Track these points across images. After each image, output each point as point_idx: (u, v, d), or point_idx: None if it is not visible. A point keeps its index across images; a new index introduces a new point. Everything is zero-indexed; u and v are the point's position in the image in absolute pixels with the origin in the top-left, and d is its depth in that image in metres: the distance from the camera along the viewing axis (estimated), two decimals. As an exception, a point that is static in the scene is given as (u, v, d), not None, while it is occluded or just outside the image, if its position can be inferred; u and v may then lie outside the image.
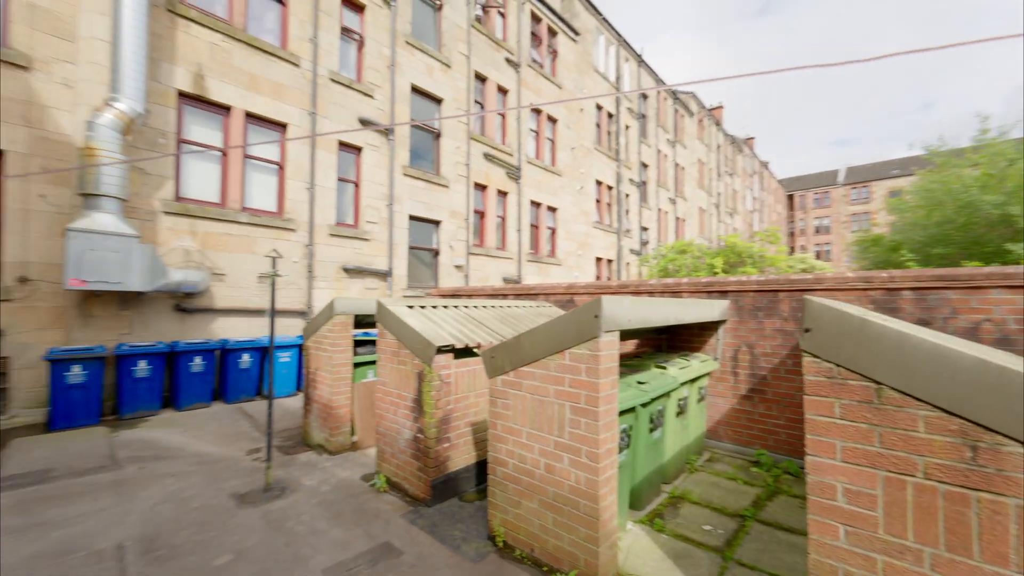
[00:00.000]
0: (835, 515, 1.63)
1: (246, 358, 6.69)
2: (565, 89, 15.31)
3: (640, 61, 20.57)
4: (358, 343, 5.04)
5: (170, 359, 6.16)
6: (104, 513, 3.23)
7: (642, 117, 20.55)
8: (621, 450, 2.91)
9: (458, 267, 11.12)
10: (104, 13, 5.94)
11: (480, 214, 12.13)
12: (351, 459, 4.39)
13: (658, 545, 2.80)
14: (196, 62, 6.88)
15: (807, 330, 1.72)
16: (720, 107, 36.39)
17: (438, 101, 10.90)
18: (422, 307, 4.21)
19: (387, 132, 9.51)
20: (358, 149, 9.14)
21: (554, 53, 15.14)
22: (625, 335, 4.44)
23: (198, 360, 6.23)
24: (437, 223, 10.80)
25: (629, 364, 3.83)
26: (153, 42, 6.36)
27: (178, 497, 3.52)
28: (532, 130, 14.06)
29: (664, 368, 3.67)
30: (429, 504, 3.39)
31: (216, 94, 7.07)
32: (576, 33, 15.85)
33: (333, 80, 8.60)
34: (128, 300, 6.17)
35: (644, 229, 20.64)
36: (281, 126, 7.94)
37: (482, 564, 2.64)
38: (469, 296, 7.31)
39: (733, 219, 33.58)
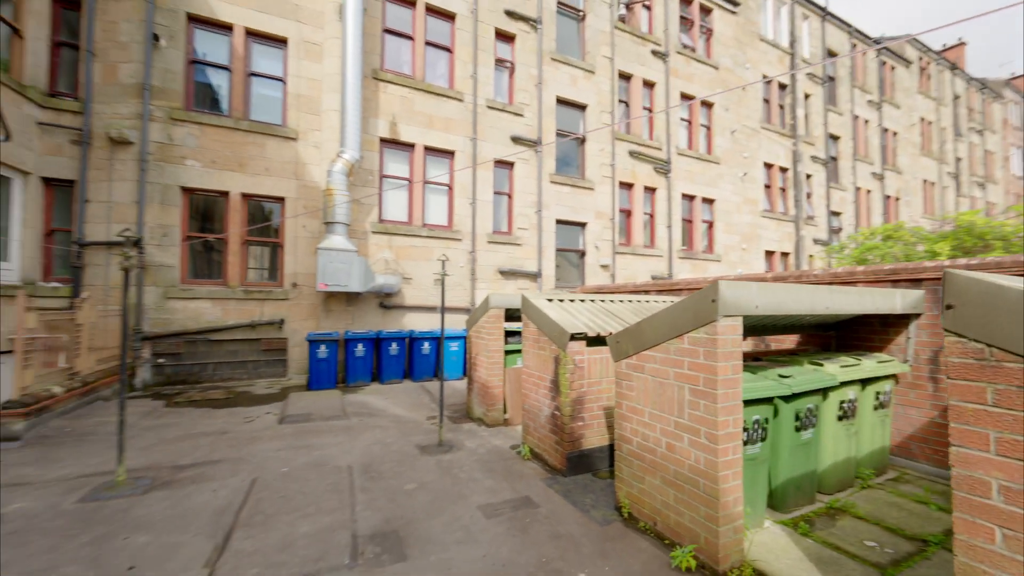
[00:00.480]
0: (989, 515, 1.43)
1: (426, 346, 8.22)
2: (722, 68, 13.98)
3: (825, 15, 17.26)
4: (509, 334, 5.77)
5: (376, 344, 8.02)
6: (340, 445, 4.58)
7: (829, 81, 17.19)
8: (754, 441, 2.81)
9: (604, 266, 11.29)
10: (335, 90, 8.16)
11: (626, 213, 12.05)
12: (503, 432, 5.10)
13: (799, 546, 2.61)
14: (391, 113, 8.81)
15: (948, 307, 1.54)
16: (960, 44, 27.54)
17: (582, 108, 11.32)
18: (560, 300, 4.66)
19: (535, 145, 10.36)
20: (510, 164, 10.21)
21: (708, 32, 14.01)
22: (775, 328, 4.09)
23: (394, 345, 7.96)
24: (583, 225, 11.19)
25: (779, 360, 3.55)
26: (364, 104, 8.42)
27: (382, 442, 4.71)
28: (683, 120, 13.28)
29: (819, 364, 3.31)
30: (565, 474, 3.79)
31: (404, 135, 8.91)
32: (735, 4, 14.32)
33: (489, 107, 9.84)
34: (351, 299, 8.29)
35: (835, 214, 17.16)
36: (450, 153, 9.48)
37: (607, 528, 2.91)
38: (611, 292, 7.48)
39: (985, 191, 24.97)
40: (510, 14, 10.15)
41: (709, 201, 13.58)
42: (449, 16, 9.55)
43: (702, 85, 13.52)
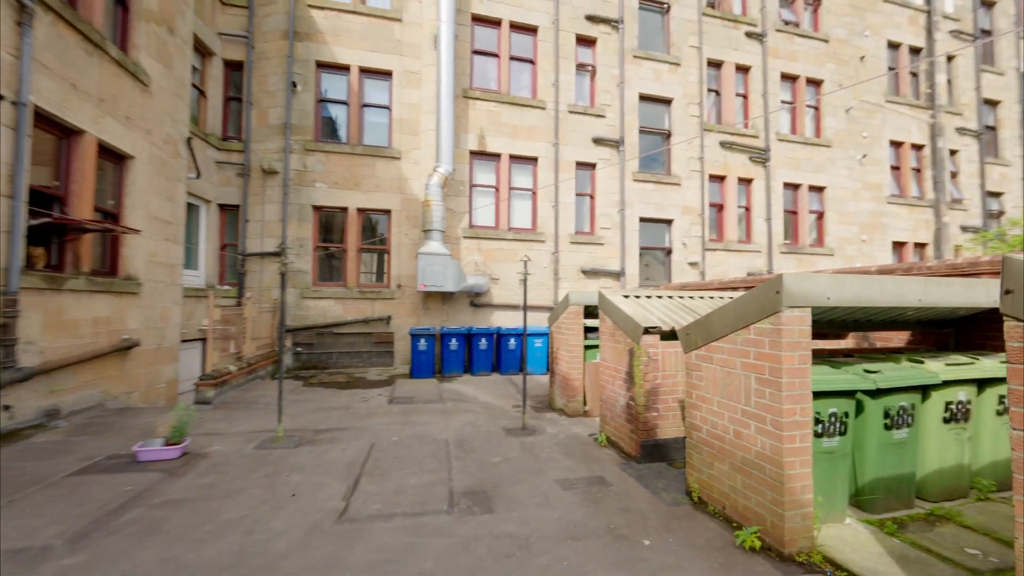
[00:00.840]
0: None
1: (512, 342, 8.79)
2: (834, 40, 12.55)
3: (975, -41, 14.46)
4: (589, 330, 6.03)
5: (468, 339, 8.79)
6: (437, 423, 5.27)
7: (982, 36, 14.36)
8: (831, 434, 2.77)
9: (692, 264, 10.88)
10: (431, 112, 9.14)
11: (717, 207, 11.46)
12: (582, 421, 5.40)
13: (881, 544, 2.54)
14: (479, 127, 9.58)
15: (1007, 292, 1.53)
16: None
17: (667, 102, 11.06)
18: (636, 297, 4.83)
19: (617, 144, 10.40)
20: (592, 165, 10.39)
21: (815, 2, 12.67)
22: (875, 324, 3.85)
23: (483, 341, 8.66)
24: (668, 222, 10.92)
25: (873, 356, 3.37)
26: (456, 121, 9.29)
27: (473, 423, 5.31)
28: (785, 103, 12.20)
29: (919, 362, 3.09)
30: (639, 461, 3.98)
31: (491, 146, 9.62)
32: (850, -34, 12.75)
33: (571, 112, 10.14)
34: (445, 297, 9.19)
35: (992, 195, 14.27)
36: (533, 160, 9.98)
37: (675, 509, 3.08)
38: (697, 289, 7.30)
39: None
40: (591, 18, 10.35)
41: (818, 189, 12.27)
42: (531, 29, 10.06)
43: (808, 62, 12.28)
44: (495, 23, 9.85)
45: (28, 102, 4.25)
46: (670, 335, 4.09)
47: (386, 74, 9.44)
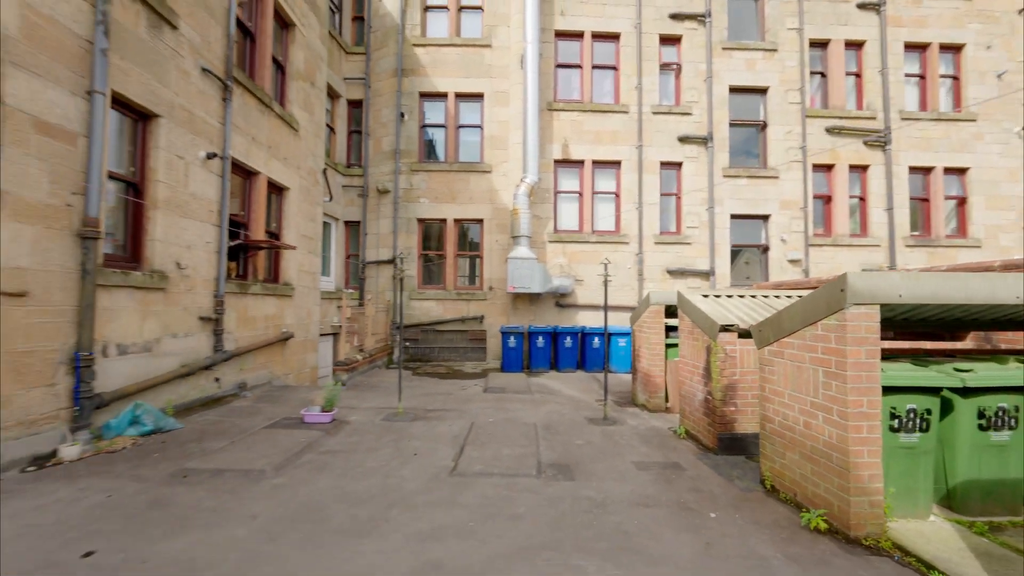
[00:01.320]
0: None
1: (596, 340, 9.14)
2: (978, -3, 10.75)
3: None
4: (671, 329, 6.21)
5: (553, 337, 9.34)
6: (526, 410, 5.90)
7: None
8: (910, 429, 2.80)
9: (794, 261, 10.16)
10: (518, 127, 9.90)
11: (824, 199, 10.53)
12: (663, 417, 5.63)
13: (964, 541, 2.54)
14: (563, 136, 10.11)
15: None
16: None
17: (762, 91, 10.50)
18: (716, 296, 4.98)
19: (705, 141, 10.17)
20: (678, 164, 10.29)
21: (952, -43, 10.97)
22: (986, 324, 3.61)
23: (568, 339, 9.14)
24: (764, 218, 10.35)
25: (977, 356, 3.22)
26: (541, 133, 9.93)
27: (558, 412, 5.85)
28: (911, 75, 10.77)
29: (1029, 363, 2.92)
30: (716, 453, 4.18)
31: (575, 154, 10.09)
32: (1000, -94, 10.81)
33: (655, 113, 10.18)
34: (532, 299, 9.86)
35: None
36: (616, 163, 10.22)
37: (747, 493, 3.30)
38: (792, 288, 6.98)
39: None
40: (675, 16, 10.28)
41: (958, 171, 10.61)
42: (614, 36, 10.32)
43: (942, 26, 10.70)
44: (578, 35, 10.30)
45: (228, 156, 5.80)
46: (748, 333, 4.21)
47: (478, 96, 10.43)
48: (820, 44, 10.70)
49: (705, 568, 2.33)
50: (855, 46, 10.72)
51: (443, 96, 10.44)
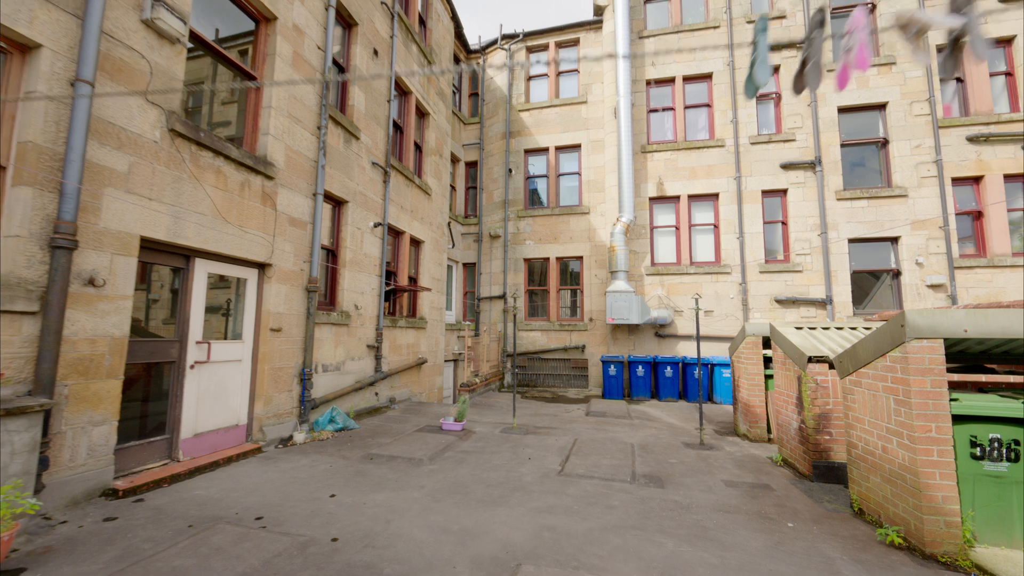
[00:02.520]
0: None
1: (698, 371, 9.22)
2: None
3: None
4: (769, 360, 6.33)
5: (653, 367, 9.67)
6: (624, 432, 6.49)
7: None
8: (995, 459, 2.91)
9: (935, 286, 9.09)
10: (613, 171, 10.78)
11: (974, 215, 9.31)
12: (763, 447, 5.76)
13: (1058, 570, 2.60)
14: (657, 175, 10.69)
15: None
16: None
17: (879, 107, 9.89)
18: (811, 328, 5.16)
19: (813, 165, 9.86)
20: (782, 191, 10.10)
21: None
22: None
23: (668, 369, 9.40)
24: (893, 240, 9.50)
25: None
26: (635, 174, 10.66)
27: (655, 436, 6.32)
28: (1087, 65, 9.16)
29: None
30: (811, 480, 4.36)
31: (669, 191, 10.57)
32: None
33: (752, 143, 10.25)
34: (631, 329, 10.35)
35: None
36: (713, 196, 10.42)
37: (833, 514, 3.56)
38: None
39: None
40: (773, 48, 10.34)
41: None
42: (705, 77, 10.77)
43: None
44: (669, 81, 10.97)
45: (386, 223, 7.70)
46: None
47: (575, 147, 11.62)
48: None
49: (769, 557, 2.83)
50: (1002, 43, 9.55)
51: (544, 150, 11.85)
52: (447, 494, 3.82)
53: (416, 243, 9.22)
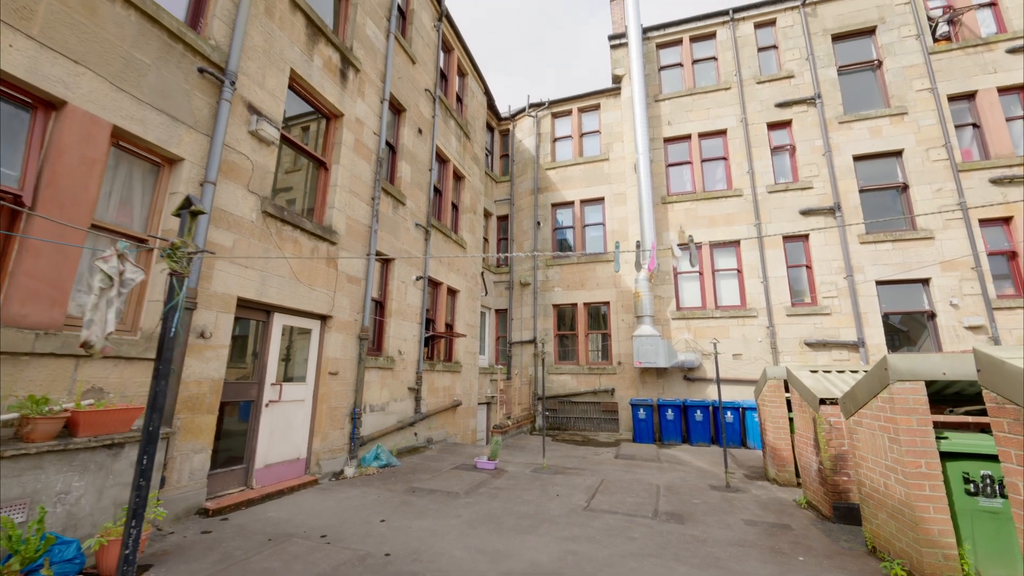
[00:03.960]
0: None
1: (729, 415, 9.26)
2: None
3: None
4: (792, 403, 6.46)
5: (683, 410, 9.76)
6: (652, 474, 6.68)
7: None
8: (988, 495, 3.11)
9: (974, 327, 8.90)
10: (636, 221, 11.44)
11: (1008, 255, 9.22)
12: (792, 491, 5.83)
13: (1056, 603, 2.74)
14: (679, 223, 11.25)
15: (979, 370, 2.39)
16: None
17: (895, 154, 10.20)
18: (826, 371, 5.40)
19: (832, 211, 10.15)
20: (804, 236, 10.37)
21: None
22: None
23: (699, 413, 9.47)
24: (924, 281, 9.48)
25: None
26: (656, 224, 11.26)
27: (682, 479, 6.48)
28: (1110, 106, 9.24)
29: None
30: (833, 521, 4.48)
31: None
32: None
33: (770, 192, 10.70)
34: (659, 372, 10.54)
35: None
36: (735, 242, 10.81)
37: (847, 551, 3.73)
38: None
39: None
40: (782, 105, 11.04)
41: None
42: (720, 132, 11.50)
43: None
44: (685, 138, 11.76)
45: (426, 275, 8.58)
46: (853, 406, 4.62)
47: (599, 200, 12.44)
48: (964, 96, 10.09)
49: (774, 583, 3.10)
50: (1015, 90, 9.81)
51: (570, 203, 12.73)
52: (481, 523, 4.26)
53: (452, 292, 10.05)
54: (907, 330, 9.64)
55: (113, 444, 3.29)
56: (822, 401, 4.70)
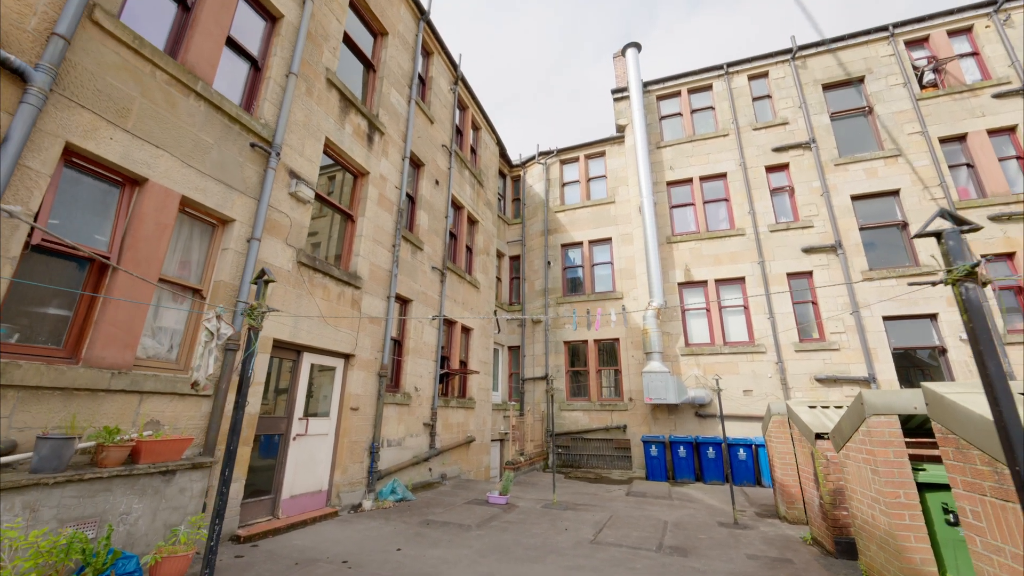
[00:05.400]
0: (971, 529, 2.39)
1: (742, 452, 9.25)
2: None
3: None
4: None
5: (695, 447, 9.77)
6: (661, 511, 6.76)
7: None
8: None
9: (986, 365, 8.86)
10: (642, 260, 11.89)
11: (1015, 290, 9.29)
12: (801, 528, 5.87)
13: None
14: (684, 263, 11.64)
15: (927, 404, 2.69)
16: None
17: (893, 193, 10.56)
18: (824, 407, 5.59)
19: (834, 248, 10.44)
20: (807, 273, 10.63)
21: (1117, 21, 10.13)
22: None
23: (711, 450, 9.48)
24: (931, 316, 9.56)
25: None
26: (662, 263, 11.68)
27: (691, 516, 6.55)
28: (1102, 145, 9.52)
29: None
30: (836, 556, 4.57)
31: (696, 276, 11.41)
32: None
33: (772, 231, 11.09)
34: (671, 409, 10.62)
35: None
36: (740, 279, 11.11)
37: (843, 583, 3.86)
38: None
39: None
40: (778, 149, 11.62)
41: None
42: (720, 175, 12.07)
43: None
44: (687, 181, 12.37)
45: (441, 315, 9.09)
46: (848, 441, 4.80)
47: (607, 240, 12.98)
48: (955, 139, 10.51)
49: (765, 610, 3.28)
50: (1004, 131, 10.20)
51: (579, 244, 13.30)
52: (491, 552, 4.50)
53: (466, 331, 10.51)
54: (924, 365, 9.62)
55: (167, 471, 3.75)
56: (818, 436, 4.89)
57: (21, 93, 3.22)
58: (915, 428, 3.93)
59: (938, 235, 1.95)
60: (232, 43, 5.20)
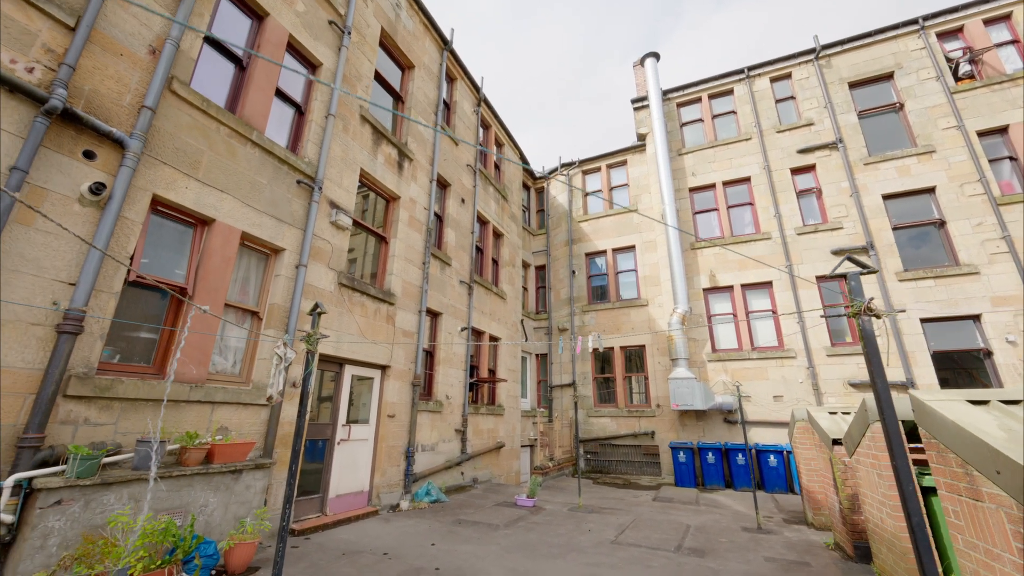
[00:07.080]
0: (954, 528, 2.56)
1: (772, 458, 9.18)
2: None
3: None
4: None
5: (724, 453, 9.76)
6: (686, 516, 6.90)
7: None
8: (974, 529, 3.37)
9: (1036, 368, 8.46)
10: (666, 267, 11.99)
11: None
12: (825, 534, 5.89)
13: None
14: (709, 268, 11.66)
15: (913, 411, 2.87)
16: None
17: (928, 191, 10.23)
18: (844, 413, 5.64)
19: (866, 250, 10.22)
20: (842, 276, 10.42)
21: None
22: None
23: (740, 456, 9.46)
24: (975, 318, 9.19)
25: None
26: (687, 269, 11.74)
27: (715, 521, 6.67)
28: None
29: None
30: (855, 560, 4.65)
31: (722, 281, 11.40)
32: None
33: (800, 234, 10.96)
34: (699, 415, 10.64)
35: None
36: (767, 284, 11.03)
37: (857, 585, 3.98)
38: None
39: None
40: (804, 151, 11.48)
41: None
42: (744, 180, 12.03)
43: None
44: (710, 187, 12.39)
45: (470, 326, 9.58)
46: (866, 447, 4.87)
47: (630, 248, 13.15)
48: (996, 131, 10.08)
49: (771, 605, 3.49)
50: (1051, 121, 9.70)
51: (603, 252, 13.53)
52: (518, 549, 4.87)
53: (494, 340, 10.96)
54: (968, 368, 9.24)
55: (235, 470, 4.37)
56: (835, 441, 4.99)
57: (120, 158, 3.93)
58: (926, 434, 4.01)
59: (844, 276, 2.35)
60: (279, 93, 5.91)
